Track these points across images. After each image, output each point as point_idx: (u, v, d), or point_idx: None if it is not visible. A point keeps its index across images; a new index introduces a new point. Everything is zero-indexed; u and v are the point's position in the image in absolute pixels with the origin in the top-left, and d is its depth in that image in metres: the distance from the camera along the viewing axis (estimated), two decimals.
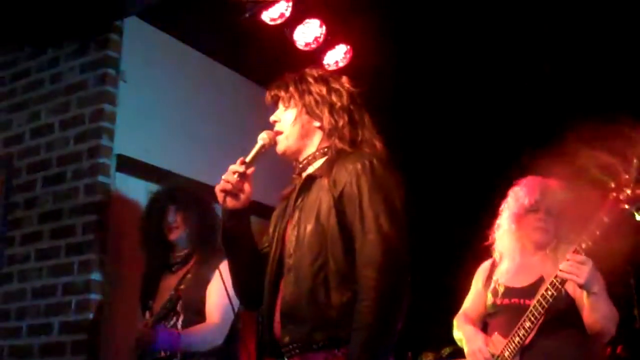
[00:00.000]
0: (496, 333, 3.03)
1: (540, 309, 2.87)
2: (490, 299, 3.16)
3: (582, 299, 2.88)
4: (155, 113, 4.47)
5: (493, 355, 2.99)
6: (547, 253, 3.06)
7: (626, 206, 2.67)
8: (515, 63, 4.86)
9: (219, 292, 3.25)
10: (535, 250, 3.10)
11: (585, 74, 4.70)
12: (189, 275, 3.38)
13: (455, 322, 3.29)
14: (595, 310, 2.81)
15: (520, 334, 2.91)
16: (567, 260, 2.77)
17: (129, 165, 4.24)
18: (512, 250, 3.15)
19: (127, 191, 4.18)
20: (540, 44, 4.71)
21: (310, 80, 2.35)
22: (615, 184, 2.70)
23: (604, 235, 2.71)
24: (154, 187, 3.87)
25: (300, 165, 2.34)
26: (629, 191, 2.67)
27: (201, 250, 3.41)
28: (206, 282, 3.32)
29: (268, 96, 2.41)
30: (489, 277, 3.24)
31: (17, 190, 4.40)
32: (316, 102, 2.30)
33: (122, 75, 4.30)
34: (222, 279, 3.21)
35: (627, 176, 2.67)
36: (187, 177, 4.33)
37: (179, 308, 3.31)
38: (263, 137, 2.33)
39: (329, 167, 2.22)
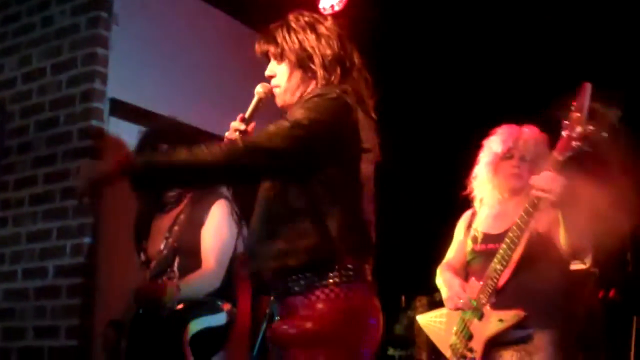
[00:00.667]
0: (473, 278, 3.08)
1: (508, 250, 2.92)
2: (469, 246, 3.22)
3: (555, 230, 2.89)
4: (149, 57, 4.42)
5: (470, 300, 3.04)
6: (522, 198, 3.06)
7: (577, 143, 2.73)
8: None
9: (214, 235, 3.23)
10: (511, 196, 3.14)
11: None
12: (182, 216, 3.33)
13: (437, 270, 3.32)
14: (572, 227, 2.79)
15: (492, 277, 2.96)
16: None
17: (122, 110, 4.22)
18: (489, 197, 3.21)
19: (121, 135, 4.15)
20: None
21: (298, 29, 2.28)
22: (568, 123, 2.76)
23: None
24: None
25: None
26: (580, 129, 2.72)
27: (193, 190, 3.38)
28: (200, 223, 3.27)
29: (258, 50, 2.36)
30: (469, 226, 3.30)
31: (10, 135, 4.38)
32: (308, 56, 2.25)
33: (115, 18, 4.24)
34: (217, 220, 3.20)
35: (578, 114, 2.73)
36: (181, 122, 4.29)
37: (174, 250, 3.27)
38: (259, 91, 2.33)
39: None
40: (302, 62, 2.26)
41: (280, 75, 2.30)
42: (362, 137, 2.18)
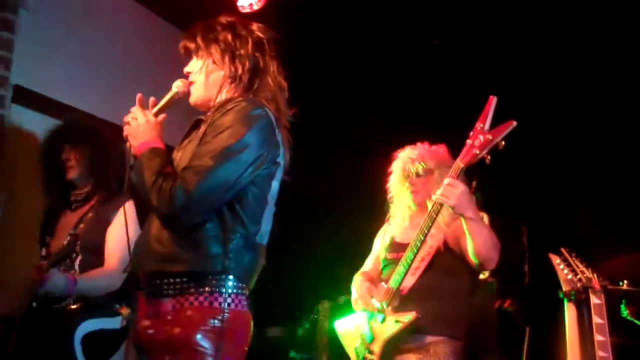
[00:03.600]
0: (383, 283, 3.19)
1: (411, 255, 3.06)
2: (382, 254, 3.38)
3: (462, 240, 3.01)
4: (59, 46, 4.28)
5: (376, 302, 3.14)
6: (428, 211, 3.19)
7: (477, 151, 2.90)
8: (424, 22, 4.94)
9: (118, 236, 3.21)
10: (421, 209, 3.30)
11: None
12: (89, 215, 3.31)
13: (354, 278, 3.43)
14: (477, 235, 2.93)
15: (396, 279, 3.10)
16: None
17: (26, 97, 4.06)
18: (399, 211, 3.39)
19: (23, 124, 4.00)
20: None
21: (218, 28, 2.33)
22: (472, 133, 2.95)
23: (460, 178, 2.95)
24: (53, 121, 3.72)
25: (206, 113, 2.31)
26: (481, 137, 2.90)
27: (103, 190, 3.33)
28: (106, 223, 3.26)
29: (180, 46, 2.38)
30: (384, 237, 3.46)
31: None
32: (221, 50, 2.29)
33: (23, 2, 4.07)
34: (124, 220, 3.15)
35: (481, 124, 2.91)
36: (90, 114, 4.17)
37: (77, 248, 3.21)
38: (178, 85, 2.33)
39: (215, 112, 2.20)
40: (215, 56, 2.29)
41: (197, 72, 2.32)
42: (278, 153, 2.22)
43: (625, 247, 3.84)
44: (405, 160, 3.34)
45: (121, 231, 3.16)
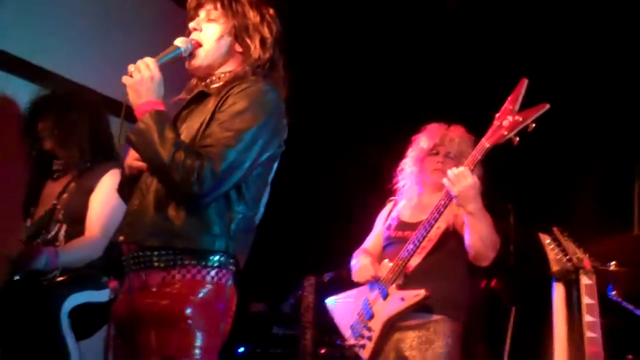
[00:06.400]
0: (386, 260, 3.16)
1: (423, 232, 3.03)
2: (385, 232, 3.34)
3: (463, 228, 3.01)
4: (45, 11, 4.18)
5: (380, 278, 3.10)
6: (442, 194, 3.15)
7: (505, 132, 2.85)
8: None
9: (101, 203, 3.16)
10: (434, 190, 3.26)
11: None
12: (72, 184, 3.26)
13: (354, 254, 3.41)
14: (474, 231, 2.93)
15: (403, 256, 3.07)
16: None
17: (10, 63, 3.97)
18: (410, 190, 3.34)
19: (8, 90, 3.89)
20: None
21: (245, 2, 2.24)
22: (500, 113, 2.91)
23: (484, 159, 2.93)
24: (37, 88, 3.63)
25: (208, 80, 2.25)
26: (510, 118, 2.86)
27: (77, 158, 3.26)
28: (89, 190, 3.21)
29: (194, 2, 2.26)
30: (388, 216, 3.42)
31: None
32: (247, 28, 2.21)
33: None
34: (107, 188, 3.12)
35: (511, 106, 2.88)
36: (76, 82, 4.08)
37: (61, 217, 3.19)
38: (182, 42, 2.19)
39: (225, 88, 2.15)
40: (239, 31, 2.21)
41: (207, 34, 2.21)
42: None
43: (613, 228, 3.85)
44: (440, 135, 3.26)
45: (104, 198, 3.13)
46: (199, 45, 2.21)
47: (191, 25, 2.24)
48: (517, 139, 2.86)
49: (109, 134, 3.31)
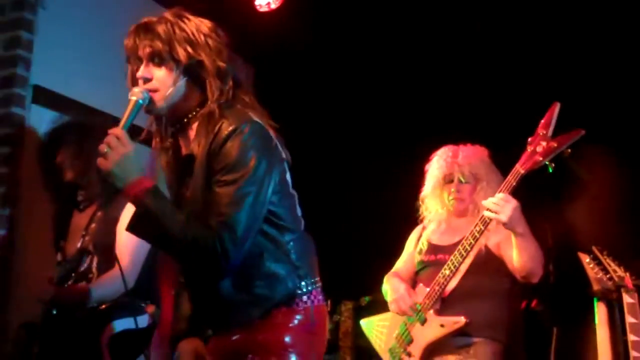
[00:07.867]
0: (421, 284, 3.15)
1: (459, 257, 3.02)
2: (417, 257, 3.33)
3: (506, 249, 2.96)
4: (76, 44, 4.23)
5: (416, 304, 3.07)
6: (469, 218, 3.21)
7: (540, 158, 2.84)
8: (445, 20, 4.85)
9: (127, 234, 3.15)
10: (459, 216, 3.29)
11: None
12: (99, 214, 3.27)
13: (385, 278, 3.41)
14: (524, 251, 2.90)
15: (440, 282, 3.06)
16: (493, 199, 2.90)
17: (45, 97, 4.03)
18: (438, 215, 3.36)
19: (42, 124, 3.96)
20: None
21: (187, 29, 2.09)
22: (532, 139, 2.89)
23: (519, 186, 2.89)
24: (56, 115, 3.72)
25: (178, 125, 2.16)
26: (544, 143, 2.84)
27: (98, 187, 3.25)
28: (115, 220, 3.19)
29: (137, 47, 2.11)
30: (419, 239, 3.43)
31: None
32: (201, 65, 2.07)
33: (41, 2, 4.05)
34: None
35: (544, 131, 2.86)
36: (107, 113, 4.13)
37: (91, 248, 3.20)
38: (138, 94, 2.08)
39: (206, 138, 2.04)
40: (194, 70, 2.08)
41: (160, 80, 2.08)
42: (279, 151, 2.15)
43: None
44: (449, 163, 3.27)
45: None
46: (155, 90, 2.09)
47: (142, 75, 2.11)
48: (553, 165, 2.86)
49: None
